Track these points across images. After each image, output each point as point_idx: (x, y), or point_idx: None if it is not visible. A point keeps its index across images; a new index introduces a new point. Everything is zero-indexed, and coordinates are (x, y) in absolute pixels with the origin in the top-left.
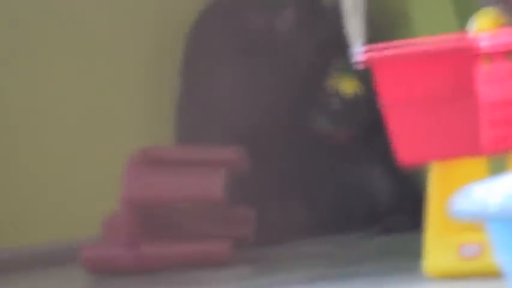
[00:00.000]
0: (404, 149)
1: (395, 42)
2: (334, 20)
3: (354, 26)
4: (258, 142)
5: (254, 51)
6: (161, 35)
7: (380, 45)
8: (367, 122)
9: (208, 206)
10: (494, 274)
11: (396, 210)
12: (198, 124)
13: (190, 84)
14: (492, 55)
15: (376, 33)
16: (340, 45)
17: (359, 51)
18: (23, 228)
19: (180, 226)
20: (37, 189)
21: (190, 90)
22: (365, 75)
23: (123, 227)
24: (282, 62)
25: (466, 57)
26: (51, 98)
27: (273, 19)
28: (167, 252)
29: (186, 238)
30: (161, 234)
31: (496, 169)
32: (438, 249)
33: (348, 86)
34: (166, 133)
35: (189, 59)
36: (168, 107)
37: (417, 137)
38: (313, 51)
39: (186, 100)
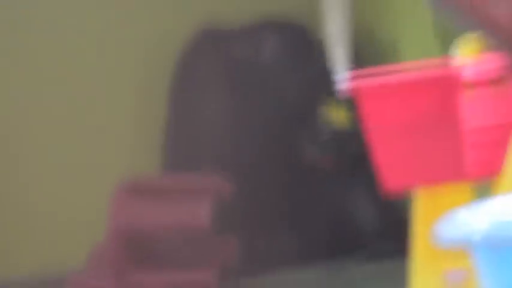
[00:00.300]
0: (389, 175)
1: (379, 68)
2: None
3: (339, 54)
4: (245, 170)
5: (242, 80)
6: (150, 62)
7: (364, 71)
8: (355, 151)
9: (194, 235)
10: None
11: (382, 236)
12: (186, 152)
13: (178, 112)
14: (475, 81)
15: (361, 59)
16: (330, 75)
17: (343, 79)
18: (10, 258)
19: (166, 255)
20: (24, 218)
21: (178, 118)
22: (354, 105)
23: (110, 256)
24: (270, 91)
25: (449, 84)
26: (40, 128)
27: (258, 49)
28: (153, 281)
29: (172, 267)
30: (147, 263)
31: (481, 194)
32: (424, 275)
33: (338, 115)
34: (153, 160)
35: (177, 87)
36: (155, 134)
37: (401, 164)
38: (301, 82)
39: (174, 128)
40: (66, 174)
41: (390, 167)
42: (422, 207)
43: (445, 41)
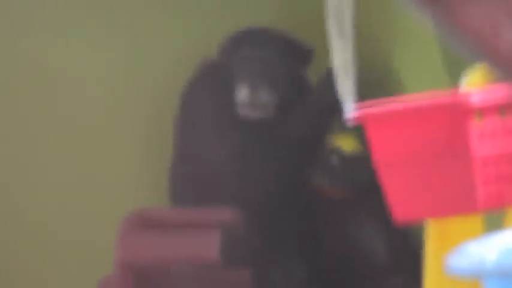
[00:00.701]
0: (399, 206)
1: (386, 100)
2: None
3: (345, 85)
4: (254, 202)
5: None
6: (156, 95)
7: (372, 102)
8: (365, 181)
9: (204, 269)
10: None
11: (393, 269)
12: (193, 186)
13: (183, 150)
14: (483, 111)
15: (367, 91)
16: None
17: (351, 109)
18: None
19: None
20: (30, 251)
21: (185, 152)
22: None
23: None
24: (277, 122)
25: (459, 113)
26: (45, 159)
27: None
28: None
29: None
30: None
31: (492, 226)
32: None
33: (348, 144)
34: (160, 196)
35: (182, 120)
36: (162, 170)
37: (411, 195)
38: (308, 112)
39: (181, 162)
40: (73, 207)
41: (399, 197)
42: (434, 239)
43: (453, 72)
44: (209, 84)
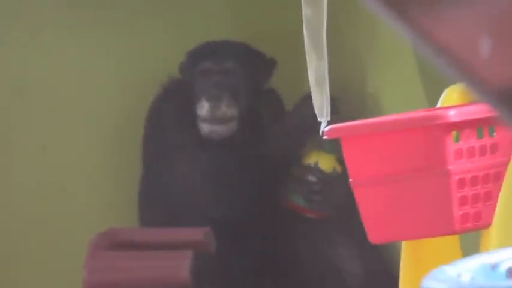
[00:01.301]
0: (374, 227)
1: (364, 120)
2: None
3: (320, 101)
4: (226, 222)
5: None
6: (124, 115)
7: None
8: (342, 201)
9: None
10: None
11: None
12: (163, 205)
13: (150, 169)
14: (461, 129)
15: (344, 110)
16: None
17: (325, 125)
18: None
19: None
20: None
21: (150, 177)
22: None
23: None
24: (251, 141)
25: (436, 129)
26: (5, 179)
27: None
28: None
29: None
30: None
31: (469, 248)
32: None
33: (327, 163)
34: (129, 216)
35: (147, 144)
36: (132, 189)
37: (386, 215)
38: (283, 130)
39: (147, 187)
40: (40, 227)
41: (374, 217)
42: (409, 261)
43: (432, 91)
44: (173, 103)
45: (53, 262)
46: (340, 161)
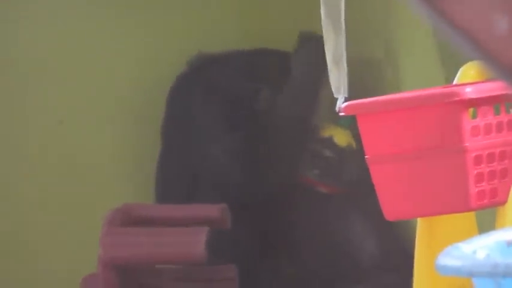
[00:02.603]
0: (390, 204)
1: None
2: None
3: (337, 78)
4: (241, 200)
5: (235, 112)
6: (143, 92)
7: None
8: (356, 177)
9: (190, 266)
10: None
11: (383, 267)
12: (178, 186)
13: (170, 146)
14: (477, 106)
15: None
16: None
17: (342, 102)
18: None
19: (161, 287)
20: (12, 250)
21: (170, 152)
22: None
23: None
24: (267, 118)
25: (453, 106)
26: (23, 154)
27: (252, 76)
28: None
29: None
30: None
31: (485, 225)
32: None
33: (342, 137)
34: (146, 193)
35: (169, 119)
36: (149, 166)
37: (402, 192)
38: (299, 106)
39: (166, 161)
40: (56, 204)
41: (390, 194)
42: (424, 238)
43: (449, 69)
44: (201, 79)
45: (69, 237)
46: (356, 137)
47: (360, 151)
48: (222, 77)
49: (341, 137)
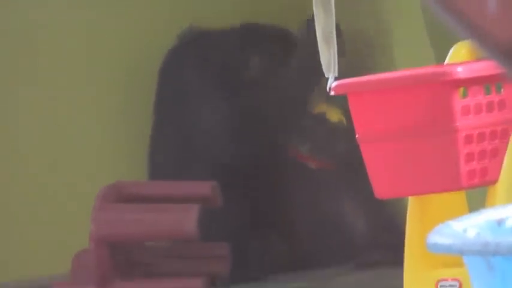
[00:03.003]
0: (381, 182)
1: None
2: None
3: (327, 56)
4: (233, 176)
5: (227, 85)
6: (134, 68)
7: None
8: (348, 153)
9: (182, 243)
10: None
11: (375, 244)
12: (172, 158)
13: (163, 120)
14: (468, 85)
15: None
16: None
17: (332, 80)
18: None
19: (153, 264)
20: (6, 225)
21: (163, 126)
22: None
23: (94, 265)
24: (258, 93)
25: (444, 85)
26: (20, 127)
27: (244, 50)
28: None
29: (159, 276)
30: (133, 272)
31: (475, 204)
32: (416, 285)
33: (333, 114)
34: (138, 169)
35: (161, 93)
36: (141, 142)
37: (393, 171)
38: (290, 82)
39: (159, 136)
40: (49, 179)
41: (381, 173)
42: (415, 216)
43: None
44: (193, 51)
45: (61, 213)
46: (347, 114)
47: (350, 128)
48: (213, 49)
49: (333, 114)
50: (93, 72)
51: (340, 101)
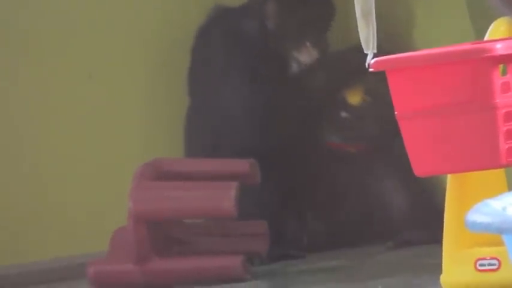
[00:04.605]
0: (420, 160)
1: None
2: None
3: (366, 33)
4: (270, 155)
5: (261, 65)
6: (170, 46)
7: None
8: (377, 133)
9: (220, 221)
10: None
11: (413, 223)
12: (207, 138)
13: (197, 101)
14: (507, 64)
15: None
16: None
17: (371, 57)
18: (29, 244)
19: (191, 242)
20: (43, 204)
21: (198, 106)
22: (372, 87)
23: (131, 242)
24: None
25: (483, 62)
26: (53, 109)
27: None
28: (177, 267)
29: (197, 253)
30: (171, 249)
31: None
32: (455, 263)
33: (353, 97)
34: (176, 147)
35: (194, 74)
36: (178, 120)
37: (432, 148)
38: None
39: (194, 116)
40: (86, 158)
41: (420, 151)
42: (454, 194)
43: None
44: (221, 31)
45: (99, 191)
46: (369, 91)
47: (375, 104)
48: (240, 25)
49: (353, 96)
50: (130, 52)
51: (362, 80)
